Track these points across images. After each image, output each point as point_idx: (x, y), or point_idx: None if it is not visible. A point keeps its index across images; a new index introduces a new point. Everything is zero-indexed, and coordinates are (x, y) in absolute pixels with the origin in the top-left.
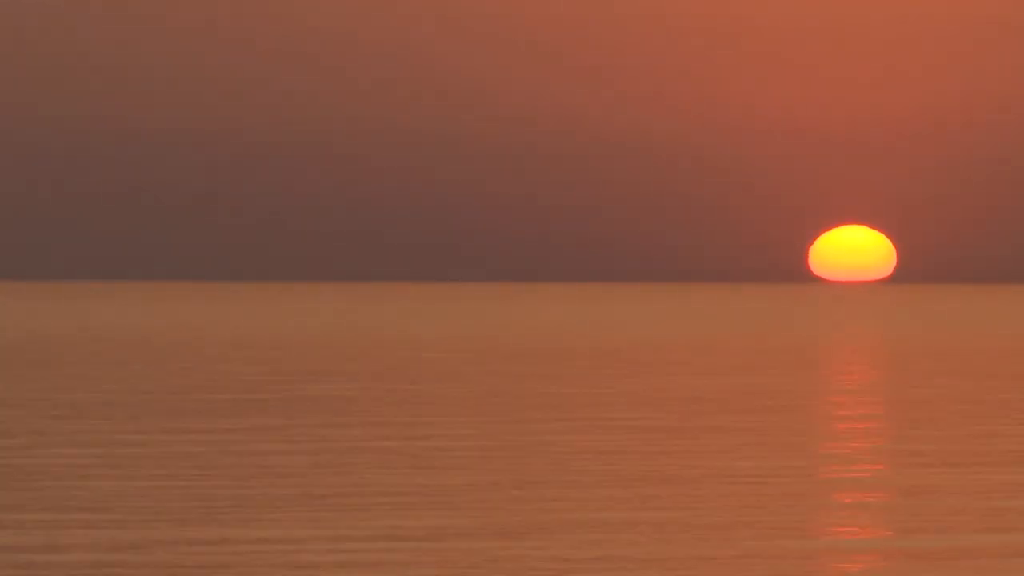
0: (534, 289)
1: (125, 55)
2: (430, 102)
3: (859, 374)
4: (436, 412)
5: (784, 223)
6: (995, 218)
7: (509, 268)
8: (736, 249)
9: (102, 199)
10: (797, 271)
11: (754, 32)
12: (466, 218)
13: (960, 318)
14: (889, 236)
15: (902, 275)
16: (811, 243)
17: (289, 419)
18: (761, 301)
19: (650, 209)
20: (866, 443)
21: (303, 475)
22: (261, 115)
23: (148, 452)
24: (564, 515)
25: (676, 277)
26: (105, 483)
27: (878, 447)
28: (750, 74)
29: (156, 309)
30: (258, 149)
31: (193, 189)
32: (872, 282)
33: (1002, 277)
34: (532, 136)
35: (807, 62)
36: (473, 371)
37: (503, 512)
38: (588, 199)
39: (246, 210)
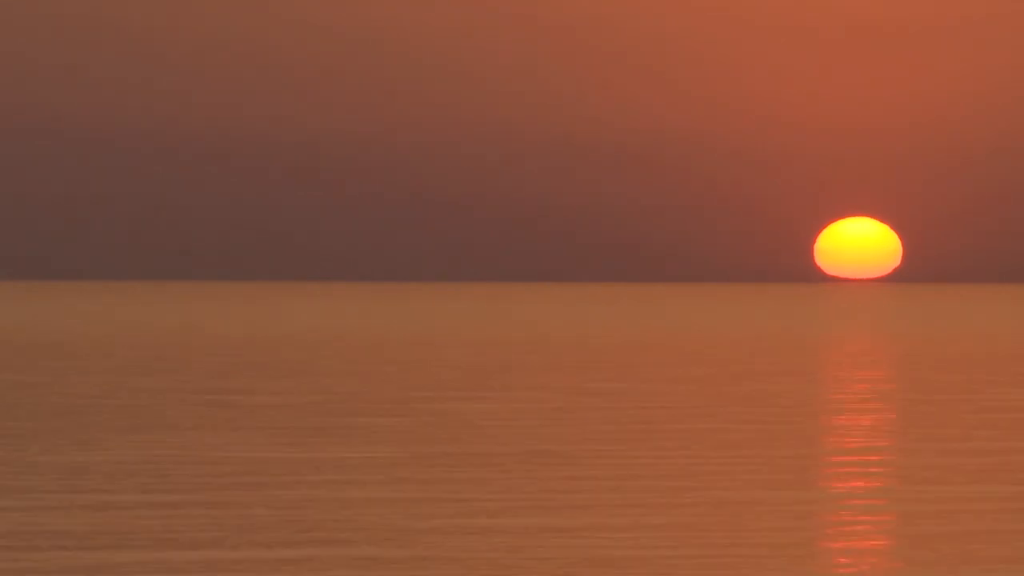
0: (536, 290)
1: (128, 54)
2: (430, 103)
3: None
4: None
5: (788, 216)
6: (1006, 215)
7: (510, 268)
8: (739, 245)
9: (100, 199)
10: (803, 266)
11: (755, 28)
12: (466, 218)
13: (989, 319)
14: (893, 228)
15: (908, 268)
16: (816, 235)
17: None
18: (800, 305)
19: (649, 207)
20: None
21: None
22: (262, 116)
23: None
24: None
25: (677, 277)
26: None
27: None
28: (749, 72)
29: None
30: (263, 150)
31: (196, 189)
32: (880, 279)
33: (1010, 275)
34: (533, 136)
35: (812, 58)
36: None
37: None
38: (586, 198)
39: (248, 210)
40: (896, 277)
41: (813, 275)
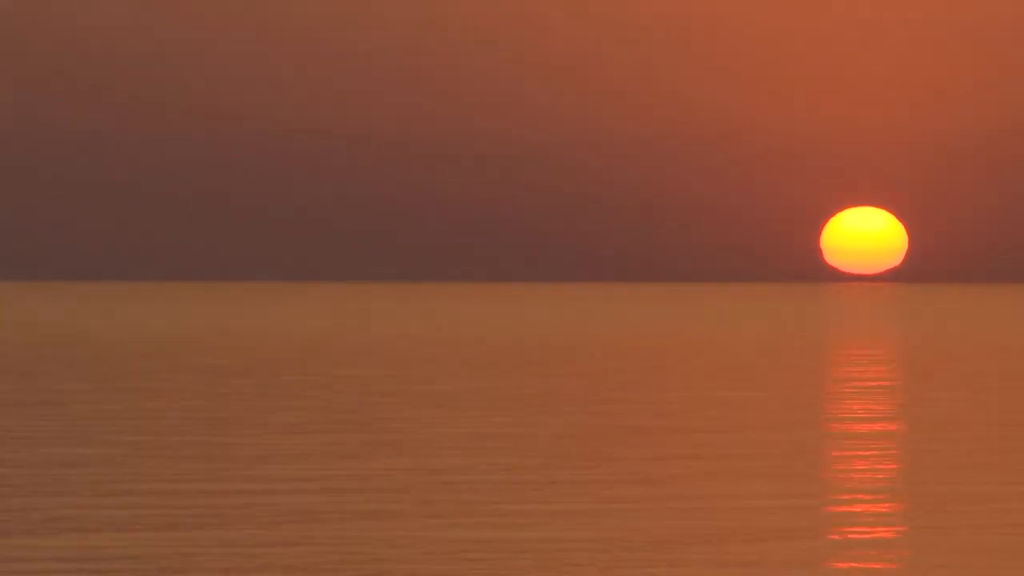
0: (539, 290)
1: (132, 54)
2: (430, 104)
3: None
4: None
5: (790, 212)
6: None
7: (512, 269)
8: (741, 242)
9: (101, 199)
10: (808, 261)
11: (754, 25)
12: (468, 219)
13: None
14: (899, 218)
15: (915, 261)
16: (822, 228)
17: None
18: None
19: (650, 205)
20: None
21: None
22: (261, 114)
23: None
24: None
25: (681, 277)
26: None
27: None
28: (748, 73)
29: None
30: (263, 149)
31: (197, 188)
32: (887, 273)
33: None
34: (536, 136)
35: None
36: None
37: None
38: (583, 198)
39: (252, 209)
40: (903, 269)
41: (821, 272)
